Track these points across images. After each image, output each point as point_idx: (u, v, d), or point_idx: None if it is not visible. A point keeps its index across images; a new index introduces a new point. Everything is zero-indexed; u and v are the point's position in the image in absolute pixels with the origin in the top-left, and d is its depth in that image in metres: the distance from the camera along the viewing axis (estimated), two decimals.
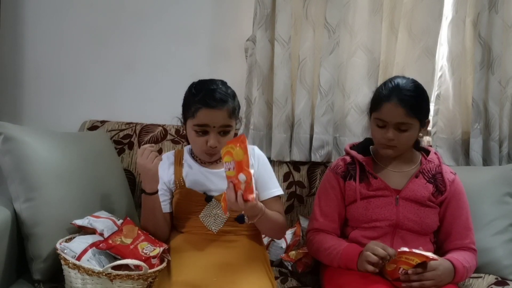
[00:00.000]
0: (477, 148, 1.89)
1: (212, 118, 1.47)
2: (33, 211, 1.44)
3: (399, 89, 1.48)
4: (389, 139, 1.49)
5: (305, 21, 1.87)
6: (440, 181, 1.55)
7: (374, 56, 1.88)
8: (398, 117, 1.47)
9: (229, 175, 1.35)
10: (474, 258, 1.51)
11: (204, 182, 1.53)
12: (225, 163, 1.35)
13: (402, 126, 1.48)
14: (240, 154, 1.31)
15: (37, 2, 2.02)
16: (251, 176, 1.31)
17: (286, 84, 1.89)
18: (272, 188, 1.56)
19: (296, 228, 1.76)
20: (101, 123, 1.96)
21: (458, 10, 1.87)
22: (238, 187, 1.32)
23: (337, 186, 1.57)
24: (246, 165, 1.31)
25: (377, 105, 1.51)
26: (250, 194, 1.30)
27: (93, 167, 1.64)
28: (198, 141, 1.50)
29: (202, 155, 1.54)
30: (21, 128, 1.56)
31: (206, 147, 1.49)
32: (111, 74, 2.05)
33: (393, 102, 1.47)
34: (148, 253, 1.39)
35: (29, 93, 2.05)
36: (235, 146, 1.32)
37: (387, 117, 1.48)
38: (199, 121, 1.48)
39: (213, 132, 1.48)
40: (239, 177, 1.31)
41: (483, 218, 1.66)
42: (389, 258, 1.36)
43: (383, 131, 1.50)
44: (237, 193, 1.32)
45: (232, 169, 1.33)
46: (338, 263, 1.47)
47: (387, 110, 1.48)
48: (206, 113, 1.47)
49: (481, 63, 1.86)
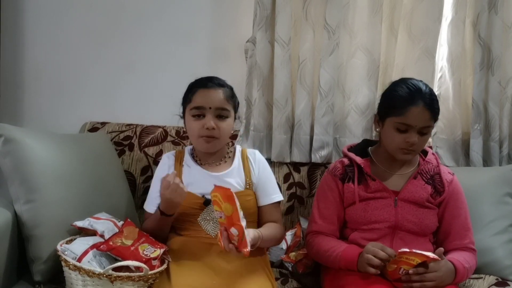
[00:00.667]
0: (477, 149, 1.89)
1: (208, 98, 1.49)
2: (34, 213, 1.44)
3: (422, 93, 1.46)
4: (412, 144, 1.46)
5: (305, 22, 1.87)
6: (438, 182, 1.55)
7: (374, 57, 1.88)
8: (424, 121, 1.45)
9: (221, 222, 1.34)
10: (474, 258, 1.51)
11: (204, 184, 1.51)
12: (216, 211, 1.35)
13: (425, 130, 1.47)
14: (229, 209, 1.30)
15: (37, 4, 2.02)
16: (243, 230, 1.30)
17: (286, 85, 1.89)
18: (272, 194, 1.56)
19: (296, 229, 1.76)
20: (101, 125, 1.96)
21: (458, 11, 1.88)
22: (231, 237, 1.32)
23: (336, 188, 1.57)
24: (237, 219, 1.30)
25: (400, 109, 1.46)
26: (244, 248, 1.30)
27: (93, 169, 1.64)
28: (195, 125, 1.49)
29: (200, 143, 1.52)
30: (21, 129, 1.56)
31: (203, 130, 1.48)
32: (111, 75, 2.06)
33: (420, 106, 1.44)
34: (148, 254, 1.39)
35: (29, 94, 2.06)
36: (223, 200, 1.30)
37: (414, 121, 1.44)
38: (196, 103, 1.50)
39: (209, 114, 1.48)
40: (231, 231, 1.31)
41: (483, 218, 1.66)
42: (390, 259, 1.37)
43: (406, 136, 1.46)
44: (230, 246, 1.31)
45: (223, 218, 1.33)
46: (338, 265, 1.47)
47: (415, 115, 1.44)
48: (202, 94, 1.50)
49: (481, 64, 1.86)
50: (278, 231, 1.56)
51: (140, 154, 1.90)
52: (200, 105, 1.50)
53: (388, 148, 1.53)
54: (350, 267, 1.43)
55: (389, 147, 1.52)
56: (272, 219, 1.56)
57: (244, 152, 1.62)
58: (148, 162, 1.89)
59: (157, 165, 1.65)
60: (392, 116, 1.49)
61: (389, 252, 1.36)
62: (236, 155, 1.61)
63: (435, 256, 1.34)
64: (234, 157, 1.60)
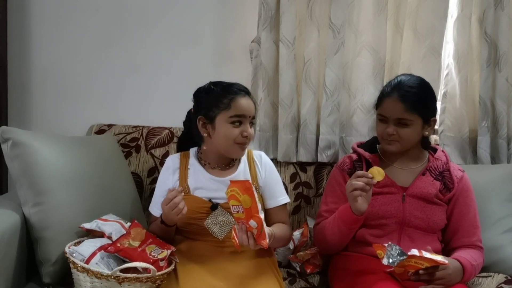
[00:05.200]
0: (485, 146, 1.88)
1: (248, 107, 1.49)
2: (42, 215, 1.45)
3: (401, 85, 1.52)
4: (389, 134, 1.51)
5: (309, 22, 1.87)
6: (448, 178, 1.55)
7: (380, 55, 1.87)
8: (397, 113, 1.49)
9: (238, 217, 1.34)
10: (481, 256, 1.51)
11: (210, 188, 1.51)
12: (232, 206, 1.34)
13: (402, 121, 1.50)
14: (248, 201, 1.30)
15: (43, 8, 2.03)
16: (262, 222, 1.30)
17: (292, 85, 1.89)
18: (279, 196, 1.56)
19: (303, 229, 1.76)
20: (108, 127, 1.97)
21: (464, 8, 1.86)
22: (249, 230, 1.32)
23: (344, 182, 1.57)
24: (255, 211, 1.30)
25: (379, 101, 1.55)
26: (263, 240, 1.30)
27: (101, 171, 1.65)
28: (233, 132, 1.47)
29: (235, 149, 1.50)
30: (29, 133, 1.57)
31: (241, 138, 1.48)
32: (117, 77, 2.07)
33: (393, 97, 1.50)
34: (156, 255, 1.39)
35: (37, 98, 2.07)
36: (241, 193, 1.31)
37: (387, 112, 1.51)
38: (238, 111, 1.47)
39: (247, 122, 1.49)
40: (250, 223, 1.31)
41: (491, 216, 1.65)
42: (372, 181, 1.41)
43: (385, 126, 1.52)
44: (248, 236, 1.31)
45: (240, 212, 1.33)
46: (338, 224, 1.48)
47: (387, 105, 1.51)
48: (244, 102, 1.48)
49: (488, 61, 1.85)
50: (287, 232, 1.56)
51: (147, 155, 1.91)
52: (242, 113, 1.48)
53: (379, 140, 1.58)
54: (347, 216, 1.45)
55: (378, 138, 1.58)
56: (279, 221, 1.56)
57: (250, 154, 1.61)
58: (155, 164, 1.90)
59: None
60: (377, 108, 1.57)
61: (368, 175, 1.42)
62: (242, 158, 1.59)
63: (444, 261, 1.33)
64: (241, 160, 1.59)
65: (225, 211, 1.49)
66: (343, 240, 1.53)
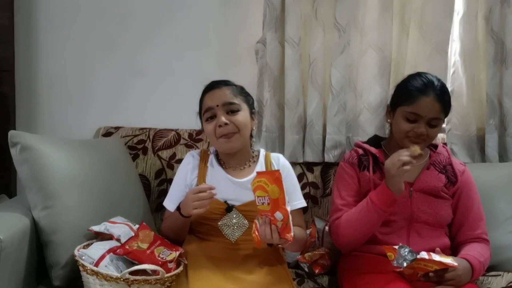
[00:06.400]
0: (492, 144, 1.87)
1: (213, 98, 1.50)
2: (51, 219, 1.46)
3: (434, 85, 1.49)
4: (420, 134, 1.48)
5: (314, 22, 1.86)
6: (450, 172, 1.57)
7: (385, 54, 1.87)
8: (434, 112, 1.47)
9: (262, 209, 1.31)
10: (488, 250, 1.51)
11: (226, 189, 1.50)
12: (258, 197, 1.30)
13: (434, 122, 1.48)
14: (276, 191, 1.27)
15: (49, 14, 2.05)
16: (289, 214, 1.28)
17: (298, 85, 1.89)
18: (295, 200, 1.54)
19: (311, 229, 1.75)
20: (115, 129, 1.98)
21: (470, 5, 1.85)
22: (273, 222, 1.29)
23: (355, 174, 1.57)
24: (283, 203, 1.27)
25: (410, 98, 1.49)
26: (288, 233, 1.27)
27: (108, 174, 1.66)
28: (210, 127, 1.50)
29: (221, 144, 1.50)
30: (37, 137, 1.58)
31: (218, 130, 1.48)
32: (123, 80, 2.08)
33: (431, 96, 1.47)
34: (164, 257, 1.40)
35: (44, 102, 2.08)
36: (269, 183, 1.27)
37: (423, 111, 1.47)
38: (205, 106, 1.51)
39: (219, 111, 1.49)
40: (276, 215, 1.28)
41: (500, 215, 1.64)
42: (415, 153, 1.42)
43: (414, 126, 1.49)
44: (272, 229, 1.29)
45: (266, 204, 1.29)
46: (370, 211, 1.45)
47: (425, 104, 1.47)
48: (208, 96, 1.52)
49: (495, 58, 1.84)
50: (305, 236, 1.55)
51: (154, 157, 1.92)
52: (208, 105, 1.51)
53: (397, 137, 1.55)
54: (385, 199, 1.42)
55: (397, 136, 1.54)
56: (295, 225, 1.52)
57: (268, 156, 1.60)
58: (162, 166, 1.91)
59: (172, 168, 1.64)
60: (402, 105, 1.51)
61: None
62: (260, 160, 1.58)
63: (454, 263, 1.33)
64: (257, 162, 1.58)
65: (240, 213, 1.49)
66: (372, 230, 1.48)
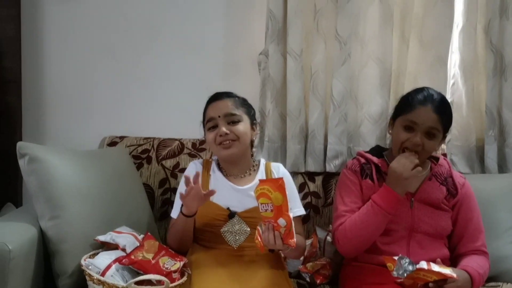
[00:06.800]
0: (492, 155, 1.89)
1: (215, 109, 1.57)
2: (59, 229, 1.48)
3: (433, 98, 1.52)
4: (416, 144, 1.49)
5: (316, 34, 1.89)
6: (451, 184, 1.58)
7: (386, 66, 1.89)
8: (430, 121, 1.49)
9: (265, 216, 1.34)
10: (487, 261, 1.52)
11: (229, 197, 1.55)
12: (261, 204, 1.34)
13: (431, 131, 1.49)
14: (279, 198, 1.31)
15: (54, 25, 2.09)
16: (291, 221, 1.31)
17: (299, 96, 1.92)
18: (294, 208, 1.57)
19: (312, 239, 1.77)
20: (120, 139, 2.01)
21: (469, 18, 1.88)
22: (277, 229, 1.33)
23: (357, 181, 1.59)
24: (286, 209, 1.31)
25: (409, 107, 1.52)
26: (291, 239, 1.31)
27: (114, 183, 1.69)
28: (211, 136, 1.56)
29: (220, 151, 1.56)
30: (45, 148, 1.61)
31: (218, 138, 1.54)
32: (128, 90, 2.11)
33: (428, 106, 1.50)
34: (169, 267, 1.42)
35: (50, 112, 2.12)
36: (273, 190, 1.31)
37: (420, 119, 1.49)
38: (208, 116, 1.58)
39: (221, 122, 1.55)
40: (279, 222, 1.31)
41: (499, 226, 1.66)
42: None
43: (411, 135, 1.50)
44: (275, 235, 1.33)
45: (269, 211, 1.33)
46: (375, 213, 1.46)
47: (421, 113, 1.49)
48: (211, 107, 1.59)
49: (494, 70, 1.86)
50: (303, 243, 1.59)
51: (158, 167, 1.94)
52: (210, 116, 1.58)
53: (394, 148, 1.56)
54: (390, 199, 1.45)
55: (394, 147, 1.56)
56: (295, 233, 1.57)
57: (268, 165, 1.66)
58: (166, 175, 1.93)
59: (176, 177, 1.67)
60: (401, 115, 1.54)
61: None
62: (260, 169, 1.64)
63: (453, 274, 1.34)
64: (258, 171, 1.63)
65: (242, 220, 1.53)
66: (376, 233, 1.50)
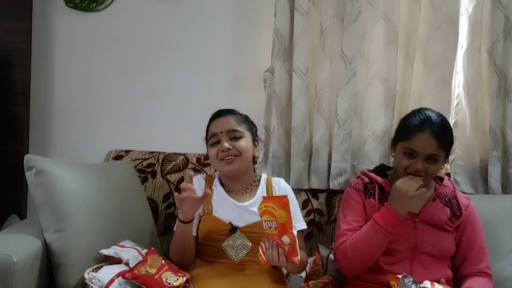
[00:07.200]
0: (495, 176, 1.89)
1: (218, 125, 1.61)
2: (63, 242, 1.49)
3: (432, 122, 1.50)
4: (417, 170, 1.49)
5: (322, 53, 1.92)
6: (455, 205, 1.58)
7: (390, 85, 1.91)
8: (430, 149, 1.48)
9: (269, 233, 1.35)
10: (491, 284, 1.51)
11: (230, 213, 1.57)
12: (265, 222, 1.35)
13: (432, 157, 1.49)
14: (283, 216, 1.32)
15: (64, 39, 2.12)
16: (295, 238, 1.33)
17: (304, 113, 1.93)
18: (296, 222, 1.54)
19: (315, 257, 1.77)
20: (125, 153, 2.03)
21: (473, 39, 1.90)
22: (280, 246, 1.34)
23: (360, 200, 1.59)
24: (290, 227, 1.32)
25: (407, 135, 1.51)
26: (295, 257, 1.32)
27: (119, 197, 1.70)
28: (213, 152, 1.59)
29: (222, 166, 1.59)
30: (51, 161, 1.63)
31: (220, 154, 1.57)
32: (134, 105, 2.13)
33: (426, 133, 1.48)
34: (171, 282, 1.43)
35: (57, 124, 2.14)
36: (277, 208, 1.32)
37: (419, 147, 1.48)
38: (210, 132, 1.62)
39: (223, 138, 1.58)
40: (283, 239, 1.32)
41: (503, 247, 1.65)
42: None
43: (412, 162, 1.50)
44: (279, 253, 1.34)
45: (273, 228, 1.34)
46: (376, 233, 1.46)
47: (420, 141, 1.48)
48: (214, 124, 1.63)
49: (498, 91, 1.87)
50: (305, 257, 1.59)
51: (162, 181, 1.96)
52: (213, 132, 1.61)
53: (398, 172, 1.57)
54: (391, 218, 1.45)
55: (398, 171, 1.57)
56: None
57: (269, 180, 1.68)
58: (170, 189, 1.95)
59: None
60: (401, 141, 1.54)
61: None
62: (261, 184, 1.66)
63: None
64: (259, 186, 1.66)
65: (243, 235, 1.54)
66: (377, 253, 1.49)
